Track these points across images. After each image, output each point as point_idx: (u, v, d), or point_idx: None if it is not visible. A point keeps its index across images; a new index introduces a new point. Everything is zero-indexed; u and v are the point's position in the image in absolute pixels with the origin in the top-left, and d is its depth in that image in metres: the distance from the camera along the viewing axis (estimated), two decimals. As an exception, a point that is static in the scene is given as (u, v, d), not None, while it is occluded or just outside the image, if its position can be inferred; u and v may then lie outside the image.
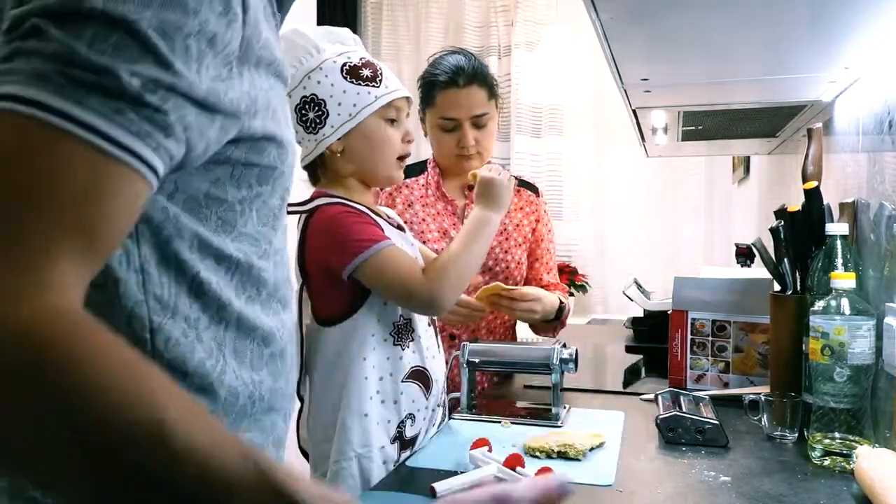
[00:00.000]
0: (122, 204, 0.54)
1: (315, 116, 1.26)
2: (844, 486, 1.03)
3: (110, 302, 0.63)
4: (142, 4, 0.54)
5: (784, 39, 1.13)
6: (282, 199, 0.75)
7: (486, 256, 1.41)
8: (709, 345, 1.58)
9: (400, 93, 1.29)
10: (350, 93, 1.25)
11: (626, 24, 1.03)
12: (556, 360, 1.40)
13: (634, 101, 1.53)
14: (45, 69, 0.51)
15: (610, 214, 3.80)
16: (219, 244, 0.68)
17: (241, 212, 0.69)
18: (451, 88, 1.69)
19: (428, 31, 3.90)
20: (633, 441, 1.26)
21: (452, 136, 1.72)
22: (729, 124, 1.79)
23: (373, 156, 1.29)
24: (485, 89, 1.71)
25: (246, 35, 0.62)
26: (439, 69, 1.71)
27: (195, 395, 0.67)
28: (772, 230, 1.39)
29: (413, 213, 1.75)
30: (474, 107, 1.70)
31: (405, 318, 1.29)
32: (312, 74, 1.26)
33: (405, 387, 1.27)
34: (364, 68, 1.27)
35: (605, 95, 3.39)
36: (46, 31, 0.52)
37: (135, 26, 0.53)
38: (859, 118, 1.36)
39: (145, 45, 0.54)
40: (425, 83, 1.74)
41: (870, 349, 1.10)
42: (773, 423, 1.26)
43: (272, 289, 0.75)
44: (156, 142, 0.55)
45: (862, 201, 1.30)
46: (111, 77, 0.52)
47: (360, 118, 1.26)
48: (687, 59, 1.26)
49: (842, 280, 1.12)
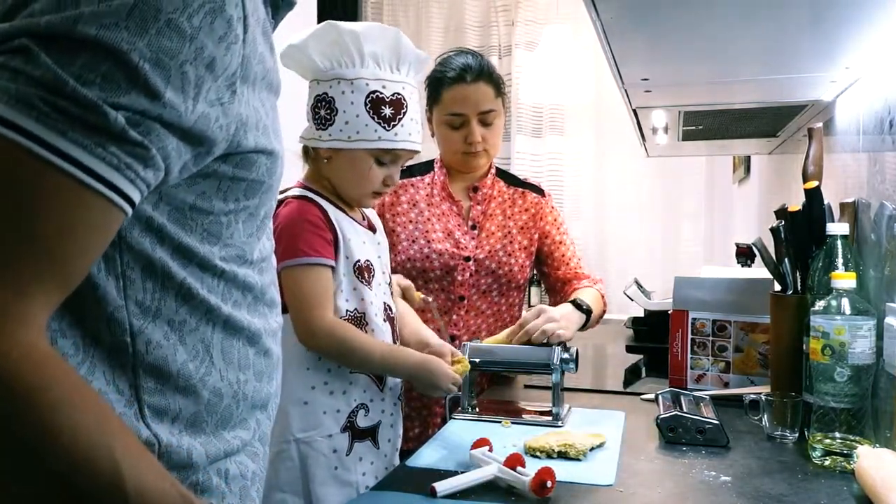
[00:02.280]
0: (97, 236, 0.56)
1: (324, 115, 1.30)
2: (845, 486, 1.03)
3: (85, 305, 0.63)
4: (136, 33, 0.53)
5: (785, 39, 1.13)
6: (268, 210, 0.76)
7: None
8: (709, 344, 1.58)
9: (405, 146, 1.31)
10: (361, 119, 1.27)
11: (627, 24, 1.03)
12: (556, 360, 1.40)
13: (635, 100, 1.53)
14: (31, 94, 0.51)
15: (610, 214, 3.79)
16: (204, 253, 0.68)
17: (226, 224, 0.69)
18: (459, 84, 1.68)
19: (428, 31, 3.90)
20: (634, 441, 1.26)
21: (459, 132, 1.71)
22: (729, 124, 1.79)
23: (349, 180, 1.34)
24: (492, 86, 1.71)
25: (245, 54, 0.62)
26: (447, 67, 1.71)
27: (178, 395, 0.68)
28: (772, 230, 1.39)
29: (418, 212, 1.75)
30: (481, 103, 1.69)
31: (359, 311, 1.32)
32: (342, 82, 1.28)
33: (355, 377, 1.31)
34: (388, 106, 1.28)
35: (606, 95, 3.38)
36: (36, 55, 0.51)
37: (126, 56, 0.53)
38: (860, 118, 1.36)
39: (136, 75, 0.54)
40: (432, 81, 1.74)
41: (870, 349, 1.10)
42: (773, 423, 1.26)
43: (258, 293, 0.76)
44: (134, 173, 0.56)
45: (862, 201, 1.30)
46: (97, 112, 0.52)
47: (353, 146, 1.29)
48: (687, 59, 1.26)
49: (842, 280, 1.12)
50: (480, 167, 1.78)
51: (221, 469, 0.73)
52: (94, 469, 0.52)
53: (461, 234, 1.74)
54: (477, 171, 1.78)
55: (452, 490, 0.98)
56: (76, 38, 0.51)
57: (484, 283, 1.73)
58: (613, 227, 3.79)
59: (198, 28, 0.56)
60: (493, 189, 1.80)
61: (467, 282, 1.72)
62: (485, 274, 1.73)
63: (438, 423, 1.62)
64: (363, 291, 1.32)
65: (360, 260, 1.32)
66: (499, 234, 1.76)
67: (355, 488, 1.29)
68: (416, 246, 1.71)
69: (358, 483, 1.30)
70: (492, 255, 1.73)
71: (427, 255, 1.70)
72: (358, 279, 1.31)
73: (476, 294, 1.73)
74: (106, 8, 0.52)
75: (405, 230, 1.72)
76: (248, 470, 0.77)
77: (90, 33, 0.51)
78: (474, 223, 1.77)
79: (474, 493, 1.00)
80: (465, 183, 1.80)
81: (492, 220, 1.77)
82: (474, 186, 1.80)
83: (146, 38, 0.53)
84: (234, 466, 0.75)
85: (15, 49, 0.52)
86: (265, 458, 0.82)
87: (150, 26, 0.53)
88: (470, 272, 1.72)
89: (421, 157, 1.85)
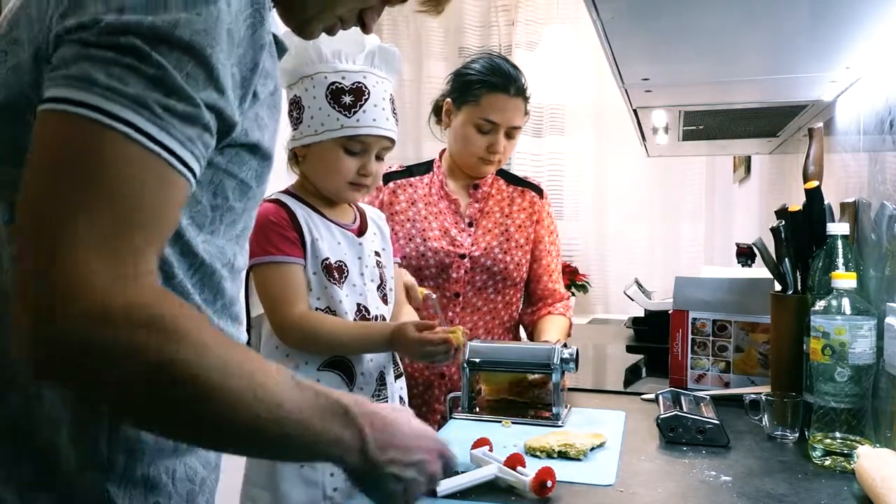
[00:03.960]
0: (180, 207, 0.66)
1: (296, 116, 1.37)
2: (845, 486, 1.03)
3: None
4: (215, 38, 0.62)
5: (785, 39, 1.13)
6: (248, 224, 0.81)
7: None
8: (710, 344, 1.58)
9: (368, 131, 1.32)
10: (323, 111, 1.32)
11: (627, 24, 1.03)
12: (556, 359, 1.40)
13: (635, 100, 1.53)
14: (147, 96, 0.59)
15: (611, 214, 3.79)
16: (189, 237, 0.72)
17: (211, 219, 0.74)
18: (502, 94, 1.70)
19: (428, 31, 3.90)
20: (634, 441, 1.26)
21: (485, 138, 1.72)
22: (730, 124, 1.79)
23: (321, 174, 1.38)
24: (525, 104, 1.75)
25: (267, 67, 0.71)
26: (490, 71, 1.72)
27: None
28: (773, 230, 1.39)
29: (416, 210, 1.76)
30: (515, 118, 1.73)
31: (330, 309, 1.33)
32: (305, 80, 1.34)
33: (322, 375, 1.32)
34: (348, 94, 1.31)
35: (606, 95, 3.37)
36: (147, 54, 0.59)
37: (209, 59, 0.62)
38: (860, 118, 1.36)
39: (212, 74, 0.62)
40: (472, 80, 1.73)
41: (870, 349, 1.10)
42: (773, 423, 1.26)
43: (227, 302, 0.79)
44: (202, 155, 0.65)
45: (863, 201, 1.30)
46: (192, 106, 0.62)
47: (320, 138, 1.33)
48: (688, 59, 1.26)
49: (843, 280, 1.12)
50: (488, 173, 1.81)
51: (169, 468, 0.74)
52: (255, 397, 0.62)
53: (457, 232, 1.75)
54: (484, 175, 1.81)
55: (452, 490, 0.98)
56: (174, 40, 0.60)
57: (479, 280, 1.73)
58: (614, 227, 3.79)
59: (245, 37, 0.66)
60: (493, 188, 1.82)
61: (462, 279, 1.72)
62: (480, 271, 1.73)
63: (438, 421, 1.62)
64: (333, 290, 1.34)
65: (330, 259, 1.34)
66: (496, 232, 1.77)
67: (321, 489, 1.28)
68: (412, 244, 1.72)
69: (324, 484, 1.29)
70: (488, 253, 1.74)
71: (422, 252, 1.71)
72: (327, 278, 1.33)
73: (472, 291, 1.74)
74: (195, 17, 0.61)
75: (402, 229, 1.73)
76: (197, 475, 0.78)
77: (184, 36, 0.60)
78: (471, 220, 1.77)
79: (474, 493, 1.00)
80: (466, 182, 1.81)
81: (489, 217, 1.78)
82: (474, 184, 1.81)
83: (220, 43, 0.63)
84: (181, 468, 0.76)
85: (123, 47, 0.59)
86: (218, 469, 0.83)
87: (221, 33, 0.63)
88: (465, 269, 1.72)
89: (421, 158, 1.87)
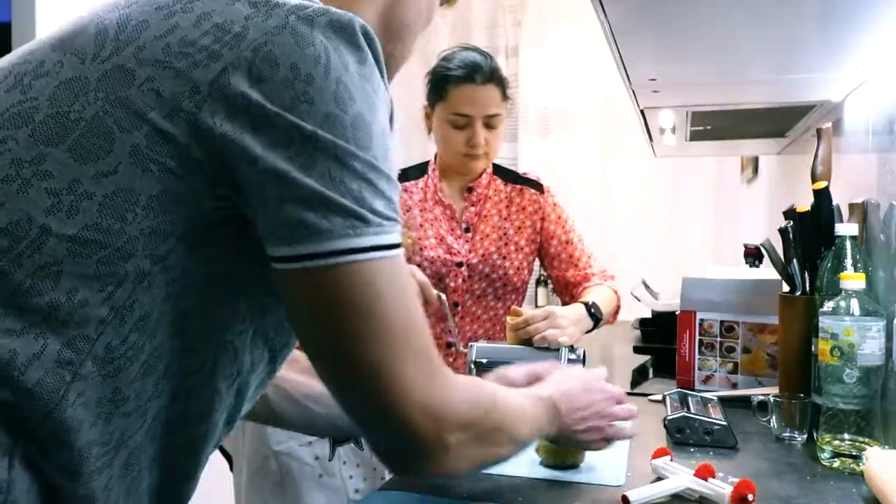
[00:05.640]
0: None
1: None
2: (854, 488, 1.03)
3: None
4: (378, 150, 0.67)
5: (793, 39, 1.13)
6: None
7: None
8: (717, 345, 1.57)
9: None
10: None
11: (634, 24, 1.03)
12: (563, 361, 1.40)
13: (642, 101, 1.53)
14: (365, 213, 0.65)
15: (618, 214, 3.79)
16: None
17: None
18: (468, 84, 1.65)
19: (435, 31, 3.90)
20: (642, 442, 1.26)
21: (462, 133, 1.68)
22: (738, 124, 1.79)
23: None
24: (499, 90, 1.69)
25: None
26: (453, 63, 1.68)
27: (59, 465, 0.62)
28: (781, 231, 1.39)
29: (411, 217, 1.73)
30: (489, 106, 1.67)
31: None
32: None
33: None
34: None
35: (614, 95, 3.38)
36: (373, 183, 0.66)
37: (381, 171, 0.67)
38: (869, 118, 1.35)
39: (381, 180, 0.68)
40: (437, 77, 1.71)
41: (879, 350, 1.09)
42: (781, 425, 1.26)
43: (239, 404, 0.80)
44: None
45: (872, 202, 1.30)
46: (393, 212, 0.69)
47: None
48: (695, 59, 1.25)
49: (851, 281, 1.12)
50: (479, 170, 1.75)
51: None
52: (519, 436, 0.85)
53: (454, 239, 1.71)
54: (475, 173, 1.76)
55: (644, 500, 0.95)
56: (368, 160, 0.66)
57: (478, 287, 1.71)
58: (621, 228, 3.78)
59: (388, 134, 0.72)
60: (489, 189, 1.77)
61: (460, 287, 1.70)
62: (478, 279, 1.70)
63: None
64: None
65: None
66: (494, 237, 1.73)
67: (344, 493, 1.28)
68: (407, 254, 1.70)
69: (346, 487, 1.28)
70: (485, 259, 1.70)
71: (418, 263, 1.68)
72: None
73: (471, 300, 1.71)
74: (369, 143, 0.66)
75: None
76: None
77: (378, 157, 0.67)
78: (468, 225, 1.74)
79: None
80: (460, 184, 1.77)
81: (486, 221, 1.75)
82: (469, 187, 1.76)
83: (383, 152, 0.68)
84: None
85: (356, 173, 0.65)
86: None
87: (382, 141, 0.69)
88: (462, 278, 1.70)
89: (416, 159, 1.84)
